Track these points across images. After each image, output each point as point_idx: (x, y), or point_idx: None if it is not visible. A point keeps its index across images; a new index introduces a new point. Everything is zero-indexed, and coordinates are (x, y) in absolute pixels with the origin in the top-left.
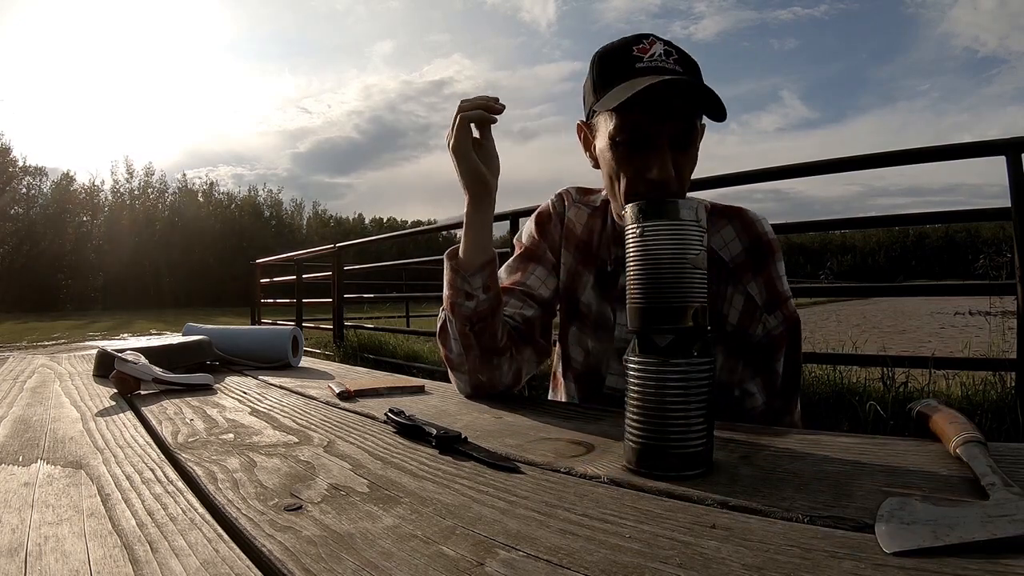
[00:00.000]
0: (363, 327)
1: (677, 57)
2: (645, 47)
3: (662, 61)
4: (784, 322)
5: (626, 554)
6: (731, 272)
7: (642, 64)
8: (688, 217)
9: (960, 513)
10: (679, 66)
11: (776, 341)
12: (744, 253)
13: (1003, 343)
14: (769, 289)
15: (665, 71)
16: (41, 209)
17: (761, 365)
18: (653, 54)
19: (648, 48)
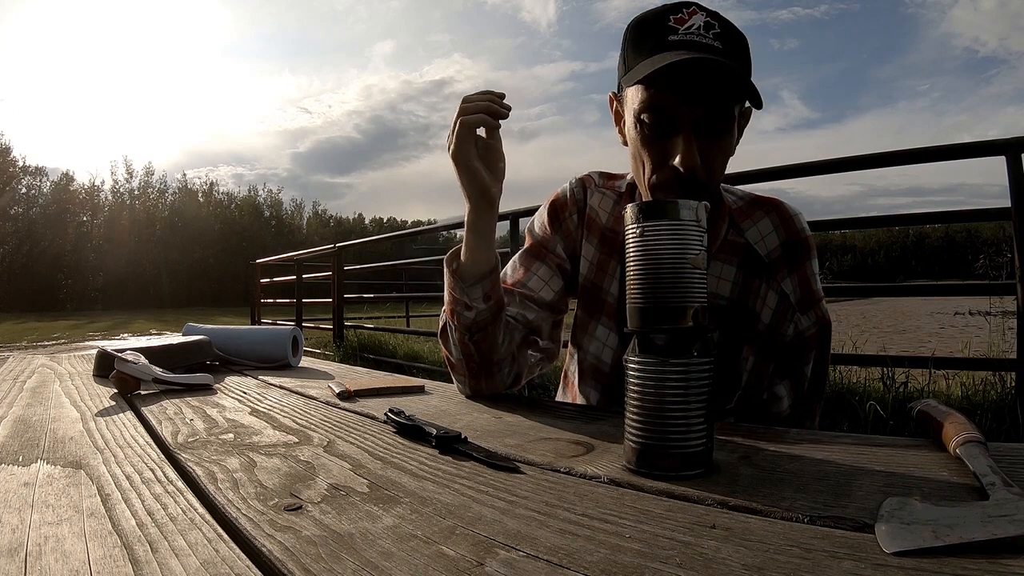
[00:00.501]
0: (363, 327)
1: (719, 31)
2: (684, 17)
3: (699, 35)
4: (816, 323)
5: (626, 554)
6: (766, 267)
7: (676, 36)
8: (688, 217)
9: (960, 513)
10: (720, 41)
11: (808, 343)
12: (780, 248)
13: (1003, 343)
14: (804, 288)
15: (701, 46)
16: (41, 209)
17: (790, 367)
18: (691, 26)
19: (687, 19)
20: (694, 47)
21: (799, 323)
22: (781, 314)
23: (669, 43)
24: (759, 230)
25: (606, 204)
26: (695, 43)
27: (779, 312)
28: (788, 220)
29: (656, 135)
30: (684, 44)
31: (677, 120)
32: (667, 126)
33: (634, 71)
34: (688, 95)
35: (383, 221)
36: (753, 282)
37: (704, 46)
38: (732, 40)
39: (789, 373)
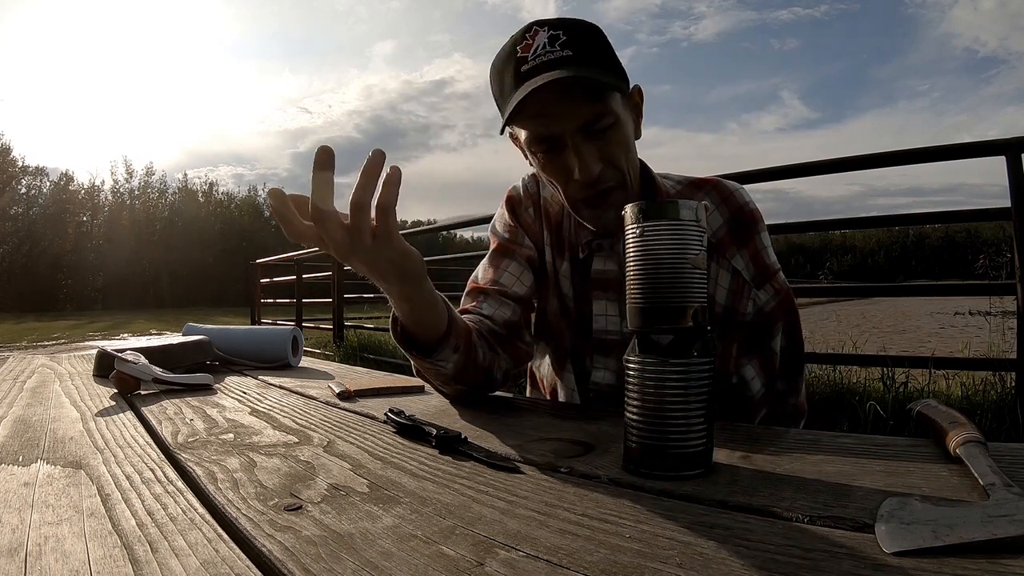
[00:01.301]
0: (363, 327)
1: (565, 39)
2: (528, 42)
3: (546, 53)
4: (776, 296)
5: (626, 554)
6: (713, 248)
7: (526, 65)
8: (688, 217)
9: (960, 513)
10: (569, 48)
11: (770, 318)
12: (725, 226)
13: (1003, 343)
14: (756, 262)
15: (551, 63)
16: (41, 209)
17: (756, 346)
18: (536, 47)
19: (531, 42)
20: (545, 67)
21: (757, 299)
22: (736, 293)
23: (522, 74)
24: None
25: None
26: (544, 63)
27: (733, 291)
28: (728, 196)
29: (549, 158)
30: (535, 69)
31: (560, 138)
32: (555, 147)
33: (507, 108)
34: (556, 116)
35: None
36: None
37: (554, 62)
38: (582, 41)
39: (756, 352)
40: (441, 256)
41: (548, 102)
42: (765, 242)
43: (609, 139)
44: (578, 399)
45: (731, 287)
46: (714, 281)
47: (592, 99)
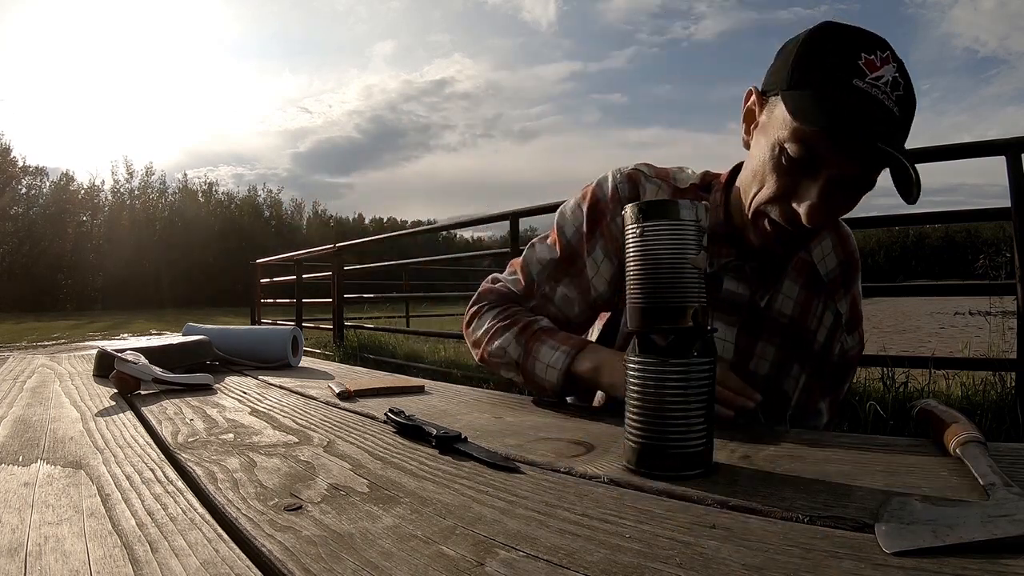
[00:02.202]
0: (363, 327)
1: (903, 94)
2: (875, 62)
3: (884, 92)
4: (859, 344)
5: (626, 554)
6: (825, 287)
7: (861, 83)
8: (688, 217)
9: (960, 513)
10: (899, 106)
11: (851, 361)
12: (839, 268)
13: (1003, 343)
14: (853, 308)
15: (882, 109)
16: (41, 209)
17: (833, 385)
18: (880, 77)
19: (877, 66)
20: (874, 106)
21: (845, 343)
22: (832, 334)
23: (852, 87)
24: (822, 249)
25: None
26: (877, 101)
27: (832, 332)
28: (845, 240)
29: (792, 169)
30: (866, 98)
31: (822, 168)
32: (808, 167)
33: (802, 97)
34: (847, 155)
35: (383, 221)
36: (812, 301)
37: (884, 111)
38: (908, 108)
39: (832, 390)
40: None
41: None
42: (860, 289)
43: (849, 199)
44: None
45: (831, 328)
46: (818, 319)
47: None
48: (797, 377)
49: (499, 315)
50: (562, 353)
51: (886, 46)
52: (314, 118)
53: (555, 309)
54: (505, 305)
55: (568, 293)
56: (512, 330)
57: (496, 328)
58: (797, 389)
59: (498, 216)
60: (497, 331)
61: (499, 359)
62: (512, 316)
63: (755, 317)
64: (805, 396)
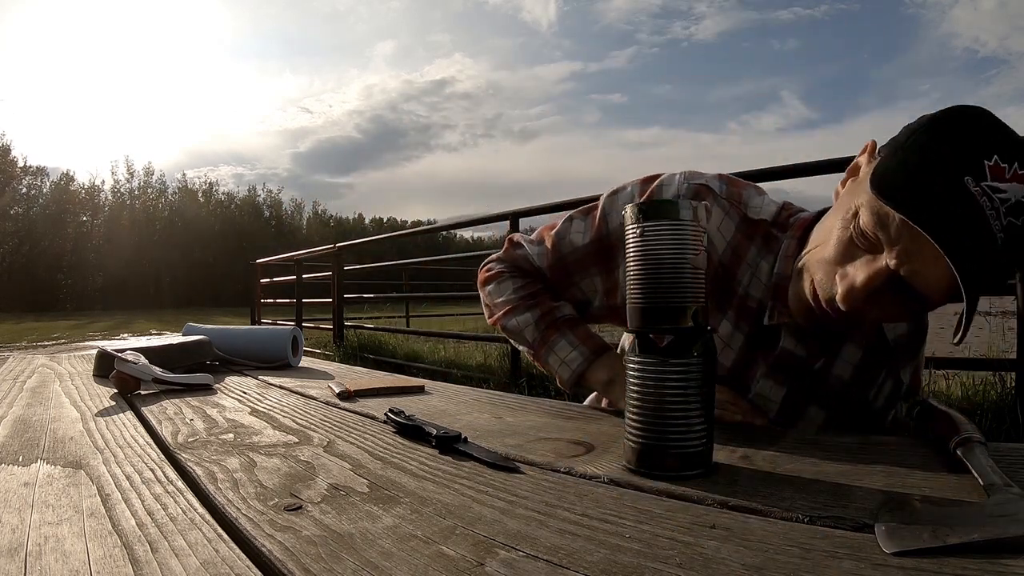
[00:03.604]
0: (363, 327)
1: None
2: (1004, 172)
3: (994, 207)
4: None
5: (626, 554)
6: (890, 352)
7: (972, 184)
8: (688, 217)
9: (960, 513)
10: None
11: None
12: (908, 335)
13: (1003, 343)
14: (914, 377)
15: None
16: (41, 209)
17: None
18: (1000, 190)
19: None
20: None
21: (899, 411)
22: (890, 402)
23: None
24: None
25: (727, 228)
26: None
27: (890, 400)
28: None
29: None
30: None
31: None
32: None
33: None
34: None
35: (383, 221)
36: (873, 367)
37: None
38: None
39: None
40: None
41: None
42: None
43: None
44: None
45: (889, 396)
46: (878, 389)
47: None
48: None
49: (521, 289)
50: (579, 354)
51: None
52: (314, 118)
53: (577, 292)
54: (529, 280)
55: (594, 283)
56: (533, 311)
57: (516, 304)
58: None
59: (498, 216)
60: (517, 307)
61: (513, 335)
62: (535, 296)
63: (807, 380)
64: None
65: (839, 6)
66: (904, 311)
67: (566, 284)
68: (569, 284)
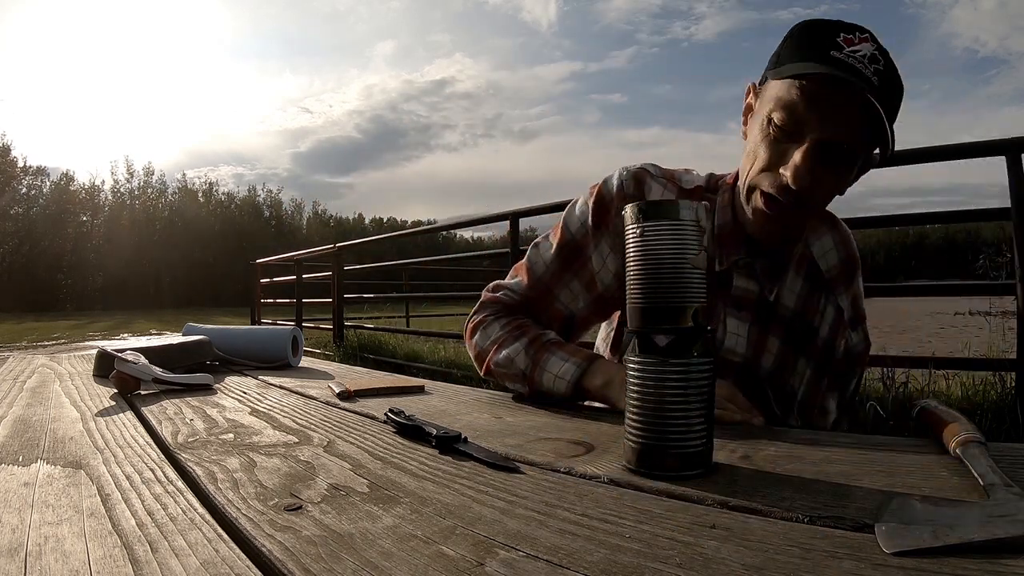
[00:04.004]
0: (363, 327)
1: (882, 68)
2: (853, 39)
3: (862, 63)
4: (864, 340)
5: (626, 554)
6: (826, 283)
7: (839, 54)
8: (688, 217)
9: (960, 513)
10: (878, 78)
11: (857, 359)
12: (840, 266)
13: (1003, 343)
14: (855, 305)
15: (859, 74)
16: (41, 209)
17: (840, 382)
18: (858, 51)
19: (855, 42)
20: (852, 72)
21: (850, 339)
22: (835, 329)
23: (830, 57)
24: (822, 245)
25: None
26: (854, 69)
27: (834, 327)
28: (847, 240)
29: (779, 138)
30: (843, 65)
31: (805, 131)
32: (794, 134)
33: (786, 67)
34: (826, 112)
35: (383, 221)
36: (814, 296)
37: (862, 76)
38: (890, 83)
39: (839, 387)
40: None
41: (834, 98)
42: (862, 288)
43: (834, 171)
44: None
45: (833, 323)
46: (821, 315)
47: (862, 133)
48: (802, 372)
49: (506, 325)
50: (572, 364)
51: (866, 31)
52: (314, 118)
53: (560, 306)
54: (512, 316)
55: (572, 287)
56: (521, 340)
57: (503, 338)
58: (802, 383)
59: (498, 216)
60: (504, 341)
61: (506, 369)
62: (520, 327)
63: (765, 312)
64: (810, 391)
65: (839, 6)
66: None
67: (549, 301)
68: (552, 301)
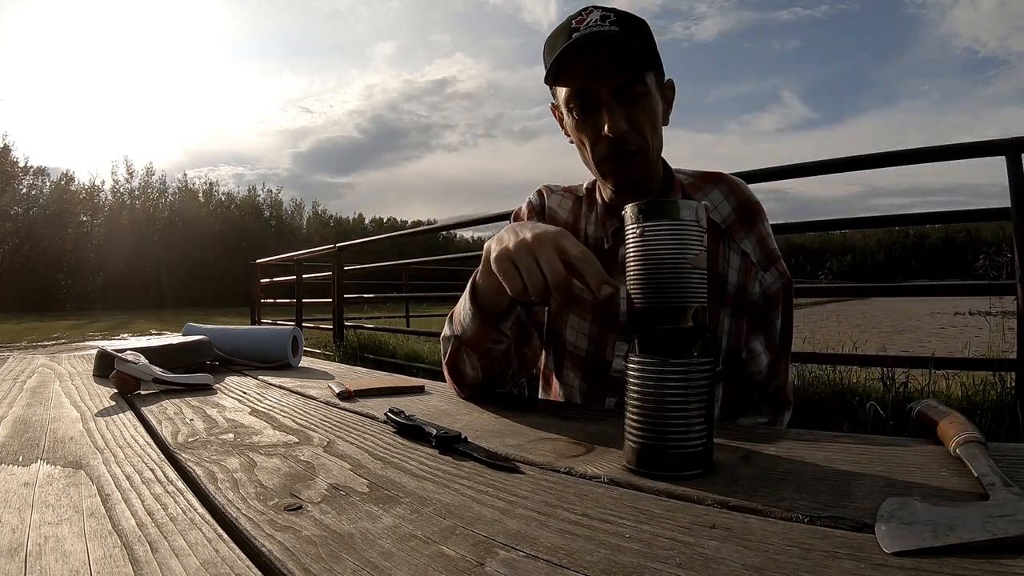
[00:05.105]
0: (363, 327)
1: (615, 19)
2: (583, 17)
3: (596, 25)
4: (780, 279)
5: (626, 554)
6: (724, 232)
7: (578, 33)
8: (688, 217)
9: (960, 513)
10: (617, 26)
11: (774, 298)
12: (734, 214)
13: (1003, 343)
14: (762, 247)
15: (599, 33)
16: (41, 209)
17: (762, 322)
18: (589, 21)
19: (585, 17)
20: (594, 36)
21: (763, 280)
22: (745, 273)
23: (572, 39)
24: (711, 200)
25: (565, 204)
26: (592, 32)
27: (743, 271)
28: (736, 189)
29: (584, 116)
30: (584, 35)
31: (595, 95)
32: (591, 106)
33: (550, 68)
34: (596, 70)
35: (383, 221)
36: (715, 247)
37: (603, 31)
38: (628, 23)
39: (762, 328)
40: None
41: (590, 61)
42: (768, 230)
43: (640, 107)
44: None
45: (740, 268)
46: (725, 262)
47: (630, 65)
48: (721, 322)
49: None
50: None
51: (591, 7)
52: (315, 118)
53: None
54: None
55: None
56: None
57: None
58: (724, 334)
59: (498, 216)
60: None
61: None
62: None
63: None
64: (733, 338)
65: (839, 6)
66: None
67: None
68: None
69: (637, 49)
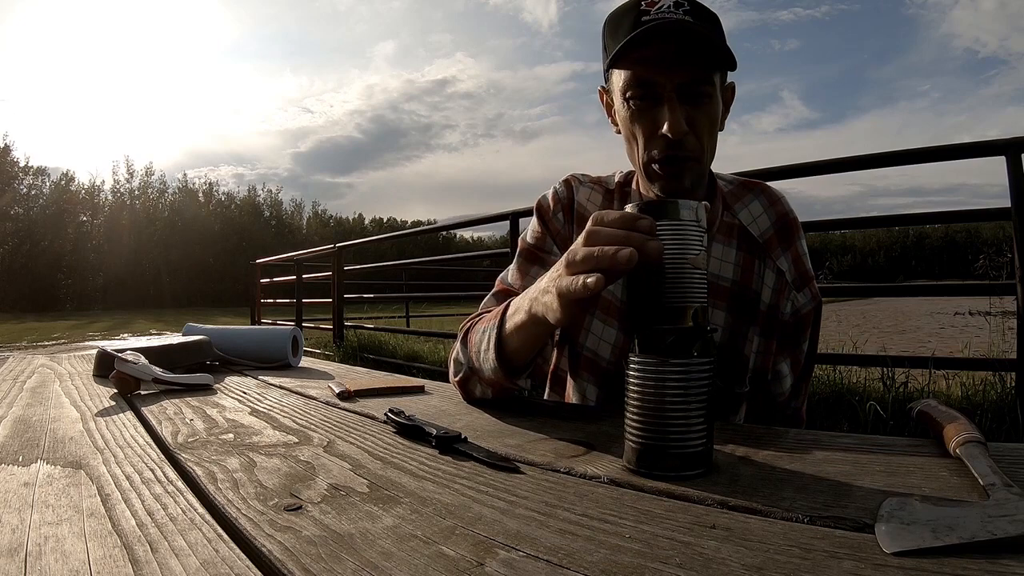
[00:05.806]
0: (363, 327)
1: (689, 8)
2: (654, 1)
3: (671, 12)
4: (812, 301)
5: (626, 554)
6: (761, 248)
7: (648, 17)
8: (688, 217)
9: (960, 513)
10: (690, 16)
11: (805, 319)
12: (772, 228)
13: (1003, 343)
14: (797, 266)
15: (673, 22)
16: (41, 209)
17: (791, 344)
18: (661, 6)
19: (656, 2)
20: (664, 21)
21: (795, 300)
22: (779, 292)
23: (642, 23)
24: (750, 212)
25: (595, 199)
26: (666, 19)
27: (777, 290)
28: (776, 202)
29: (642, 109)
30: (655, 21)
31: (659, 89)
32: (651, 98)
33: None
34: (665, 61)
35: (383, 221)
36: (751, 263)
37: (677, 20)
38: (702, 14)
39: (789, 350)
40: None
41: (660, 49)
42: (804, 249)
43: (702, 109)
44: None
45: (775, 286)
46: (760, 279)
47: (702, 63)
48: (750, 340)
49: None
50: (490, 328)
51: None
52: (315, 118)
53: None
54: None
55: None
56: (459, 340)
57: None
58: (753, 353)
59: (498, 216)
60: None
61: (458, 375)
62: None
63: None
64: (761, 358)
65: (839, 6)
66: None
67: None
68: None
69: (717, 44)
